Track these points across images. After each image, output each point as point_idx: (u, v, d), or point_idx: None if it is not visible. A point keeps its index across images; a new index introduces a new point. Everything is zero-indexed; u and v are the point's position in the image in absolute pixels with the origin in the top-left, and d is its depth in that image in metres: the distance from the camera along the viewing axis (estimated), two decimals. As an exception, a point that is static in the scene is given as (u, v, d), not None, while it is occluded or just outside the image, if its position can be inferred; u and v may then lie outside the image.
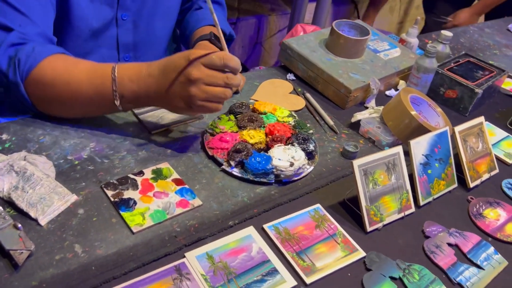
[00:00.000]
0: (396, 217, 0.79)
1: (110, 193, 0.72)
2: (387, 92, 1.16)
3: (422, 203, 0.84)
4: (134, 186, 0.74)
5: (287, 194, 0.80)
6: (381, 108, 0.99)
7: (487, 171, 0.95)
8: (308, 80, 1.12)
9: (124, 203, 0.71)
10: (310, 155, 0.86)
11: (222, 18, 1.15)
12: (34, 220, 0.66)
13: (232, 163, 0.80)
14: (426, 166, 0.85)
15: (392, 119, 0.94)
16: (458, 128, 0.91)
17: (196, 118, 0.92)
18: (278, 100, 1.03)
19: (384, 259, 0.71)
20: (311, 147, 0.86)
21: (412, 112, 0.91)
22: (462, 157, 0.90)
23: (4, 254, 0.60)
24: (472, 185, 0.91)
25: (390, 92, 1.16)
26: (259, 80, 1.10)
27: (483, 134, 0.97)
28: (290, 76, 1.14)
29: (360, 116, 0.99)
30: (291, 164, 0.80)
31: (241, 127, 0.89)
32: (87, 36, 0.92)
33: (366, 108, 1.07)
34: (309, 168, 0.85)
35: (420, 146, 0.85)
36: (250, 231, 0.71)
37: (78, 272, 0.61)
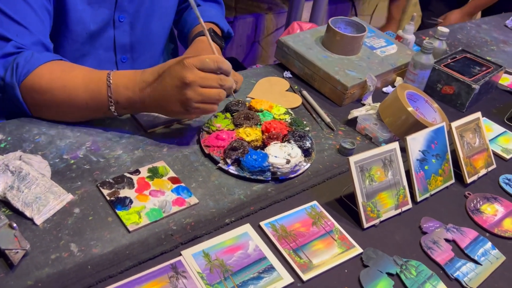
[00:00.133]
0: (393, 213, 0.79)
1: (106, 192, 0.72)
2: (384, 89, 1.16)
3: (419, 199, 0.83)
4: (130, 185, 0.74)
5: (284, 191, 0.80)
6: (377, 104, 0.99)
7: (485, 166, 0.95)
8: (304, 78, 1.12)
9: (120, 201, 0.71)
10: (306, 152, 0.86)
11: (220, 16, 1.15)
12: (29, 219, 0.66)
13: (228, 161, 0.80)
14: (423, 162, 0.85)
15: (389, 115, 0.93)
16: (454, 124, 0.91)
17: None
18: (274, 97, 1.03)
19: (381, 255, 0.71)
20: (308, 144, 0.86)
21: (409, 108, 0.91)
22: (459, 152, 0.90)
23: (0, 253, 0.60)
24: (469, 180, 0.90)
25: (387, 89, 1.16)
26: (255, 78, 1.10)
27: (480, 130, 0.97)
28: (287, 73, 1.14)
29: (356, 113, 0.99)
30: (288, 161, 0.80)
31: (237, 125, 0.88)
32: (84, 39, 0.92)
33: (363, 105, 1.06)
34: (305, 165, 0.84)
35: (416, 142, 0.84)
36: (246, 229, 0.71)
37: (74, 271, 0.61)
